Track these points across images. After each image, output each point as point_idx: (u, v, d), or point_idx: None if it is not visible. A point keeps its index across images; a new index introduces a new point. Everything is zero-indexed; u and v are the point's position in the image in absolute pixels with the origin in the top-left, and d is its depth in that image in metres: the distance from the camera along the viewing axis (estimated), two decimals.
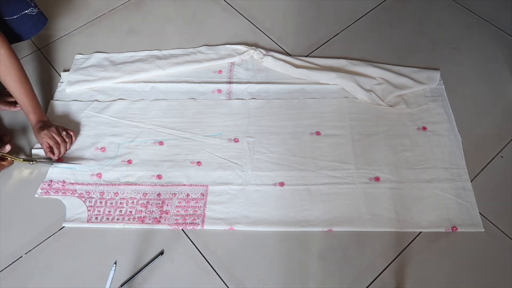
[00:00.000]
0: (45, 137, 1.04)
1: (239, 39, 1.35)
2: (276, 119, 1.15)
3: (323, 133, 1.12)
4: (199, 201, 1.02)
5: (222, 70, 1.26)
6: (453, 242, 0.96)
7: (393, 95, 1.19)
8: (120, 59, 1.29)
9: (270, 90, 1.22)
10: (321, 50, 1.32)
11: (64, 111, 1.18)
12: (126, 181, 1.05)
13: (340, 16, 1.42)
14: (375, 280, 0.91)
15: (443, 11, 1.43)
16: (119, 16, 1.43)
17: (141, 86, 1.23)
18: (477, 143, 1.11)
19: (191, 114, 1.17)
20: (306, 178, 1.04)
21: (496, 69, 1.27)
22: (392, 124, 1.14)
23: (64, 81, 1.24)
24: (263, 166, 1.07)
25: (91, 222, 0.98)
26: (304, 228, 0.97)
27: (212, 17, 1.43)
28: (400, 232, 0.97)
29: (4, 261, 0.94)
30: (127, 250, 0.95)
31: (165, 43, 1.34)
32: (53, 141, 1.04)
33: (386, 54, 1.30)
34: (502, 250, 0.95)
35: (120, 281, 0.91)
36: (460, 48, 1.33)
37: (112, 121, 1.15)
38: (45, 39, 1.37)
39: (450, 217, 0.98)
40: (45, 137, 1.04)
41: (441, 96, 1.19)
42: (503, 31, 1.37)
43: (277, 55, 1.27)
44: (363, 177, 1.04)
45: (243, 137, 1.12)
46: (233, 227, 0.97)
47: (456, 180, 1.04)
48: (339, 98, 1.19)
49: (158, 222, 0.98)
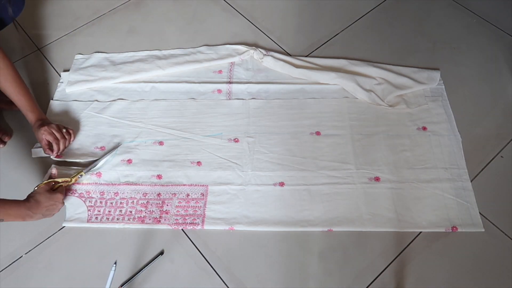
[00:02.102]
0: (45, 133, 1.03)
1: (239, 39, 1.35)
2: (276, 119, 1.15)
3: (323, 133, 1.12)
4: (199, 201, 1.02)
5: (222, 70, 1.26)
6: (453, 242, 0.96)
7: (393, 95, 1.19)
8: (120, 59, 1.29)
9: (270, 90, 1.22)
10: (321, 50, 1.32)
11: (64, 111, 1.18)
12: (126, 181, 1.05)
13: (340, 16, 1.42)
14: (375, 280, 0.91)
15: (443, 11, 1.43)
16: (119, 16, 1.43)
17: (141, 86, 1.23)
18: (477, 143, 1.11)
19: (191, 114, 1.17)
20: (306, 178, 1.04)
21: (496, 69, 1.27)
22: (392, 124, 1.14)
23: (64, 81, 1.24)
24: (263, 166, 1.07)
25: (91, 222, 0.98)
26: (304, 228, 0.97)
27: (212, 17, 1.43)
28: (400, 232, 0.97)
29: (4, 261, 0.94)
30: (127, 250, 0.95)
31: (165, 43, 1.34)
32: (53, 137, 1.04)
33: (386, 54, 1.30)
34: (502, 250, 0.95)
35: (120, 281, 0.91)
36: (460, 48, 1.33)
37: (112, 121, 1.15)
38: (45, 39, 1.37)
39: (450, 217, 0.98)
40: (45, 133, 1.03)
41: (441, 96, 1.19)
42: (503, 31, 1.37)
43: (277, 55, 1.27)
44: (363, 177, 1.04)
45: (243, 137, 1.12)
46: (233, 227, 0.97)
47: (456, 180, 1.04)
48: (339, 98, 1.19)
49: (158, 222, 0.98)
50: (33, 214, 0.90)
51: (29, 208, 0.90)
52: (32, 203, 0.91)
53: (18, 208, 0.88)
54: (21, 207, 0.89)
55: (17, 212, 0.88)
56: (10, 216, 0.87)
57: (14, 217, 0.88)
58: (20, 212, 0.89)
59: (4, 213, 0.85)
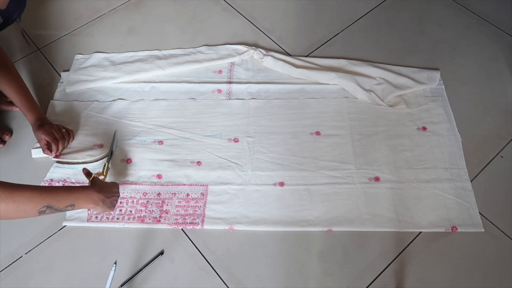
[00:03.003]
0: (44, 133, 1.03)
1: (239, 39, 1.35)
2: (276, 119, 1.15)
3: (323, 133, 1.12)
4: (199, 200, 1.02)
5: (222, 70, 1.26)
6: (453, 242, 0.96)
7: (393, 95, 1.19)
8: (120, 59, 1.29)
9: (270, 90, 1.22)
10: (321, 50, 1.32)
11: (64, 111, 1.18)
12: (126, 180, 1.05)
13: (340, 16, 1.42)
14: (375, 280, 0.91)
15: (443, 11, 1.43)
16: (119, 16, 1.44)
17: (141, 86, 1.23)
18: (477, 143, 1.11)
19: (191, 114, 1.17)
20: (306, 178, 1.04)
21: (496, 69, 1.27)
22: (392, 124, 1.14)
23: (64, 81, 1.24)
24: (263, 166, 1.07)
25: (91, 221, 0.98)
26: (303, 228, 0.97)
27: (212, 17, 1.43)
28: (400, 232, 0.97)
29: (4, 261, 0.94)
30: (127, 250, 0.95)
31: (165, 43, 1.34)
32: (52, 137, 1.04)
33: (386, 54, 1.30)
34: (502, 250, 0.95)
35: (120, 281, 0.91)
36: (460, 48, 1.33)
37: (112, 121, 1.15)
38: (45, 39, 1.37)
39: (450, 217, 0.98)
40: (44, 133, 1.03)
41: (441, 96, 1.19)
42: (503, 31, 1.37)
43: (277, 55, 1.27)
44: (363, 177, 1.04)
45: (243, 137, 1.12)
46: (233, 227, 0.97)
47: (456, 180, 1.04)
48: (339, 98, 1.19)
49: (158, 221, 0.98)
50: (104, 198, 0.85)
51: (100, 191, 0.84)
52: (100, 187, 0.86)
53: (87, 192, 0.83)
54: (90, 191, 0.83)
55: (88, 196, 0.83)
56: (80, 201, 0.81)
57: (85, 201, 0.82)
58: (91, 195, 0.83)
59: (73, 197, 0.80)
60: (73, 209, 0.80)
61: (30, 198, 0.73)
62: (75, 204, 0.80)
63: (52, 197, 0.76)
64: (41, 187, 0.77)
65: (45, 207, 0.75)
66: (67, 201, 0.78)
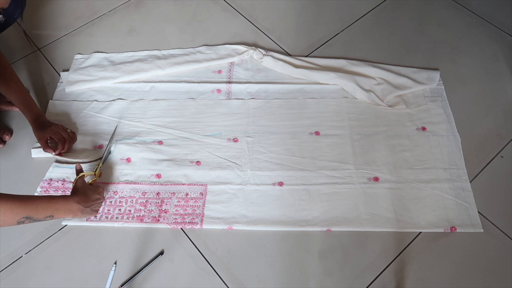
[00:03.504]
0: (51, 132, 1.04)
1: (239, 39, 1.35)
2: (276, 119, 1.15)
3: (322, 133, 1.12)
4: (198, 200, 1.02)
5: (221, 70, 1.26)
6: (453, 242, 0.96)
7: (393, 95, 1.19)
8: (119, 59, 1.29)
9: (270, 90, 1.22)
10: (321, 50, 1.32)
11: (63, 111, 1.18)
12: (125, 179, 1.05)
13: (340, 16, 1.42)
14: (375, 280, 0.91)
15: (443, 11, 1.43)
16: (119, 16, 1.44)
17: (141, 86, 1.23)
18: (477, 143, 1.11)
19: (191, 114, 1.17)
20: (305, 178, 1.04)
21: (496, 69, 1.27)
22: (391, 124, 1.14)
23: (63, 81, 1.24)
24: (262, 165, 1.07)
25: (90, 221, 0.98)
26: (303, 228, 0.97)
27: (212, 17, 1.43)
28: (400, 232, 0.97)
29: (4, 261, 0.94)
30: (127, 250, 0.95)
31: (165, 43, 1.34)
32: (59, 136, 1.05)
33: (386, 54, 1.30)
34: (502, 250, 0.95)
35: (120, 281, 0.91)
36: (460, 48, 1.33)
37: (111, 121, 1.15)
38: (45, 39, 1.37)
39: (449, 217, 0.98)
40: (51, 132, 1.04)
41: (441, 96, 1.19)
42: (503, 31, 1.37)
43: (276, 55, 1.27)
44: (362, 177, 1.04)
45: (242, 137, 1.12)
46: (232, 226, 0.98)
47: (455, 180, 1.03)
48: (338, 98, 1.19)
49: (157, 221, 0.98)
50: (84, 208, 0.87)
51: (79, 202, 0.87)
52: (81, 197, 0.88)
53: (66, 203, 0.85)
54: (69, 202, 0.86)
55: (66, 207, 0.85)
56: (59, 212, 0.83)
57: (63, 212, 0.84)
58: (69, 207, 0.85)
59: (52, 208, 0.82)
60: (52, 219, 0.83)
61: (10, 209, 0.74)
62: (54, 215, 0.82)
63: (32, 208, 0.78)
64: (21, 197, 0.78)
65: (24, 218, 0.77)
66: (47, 212, 0.81)
